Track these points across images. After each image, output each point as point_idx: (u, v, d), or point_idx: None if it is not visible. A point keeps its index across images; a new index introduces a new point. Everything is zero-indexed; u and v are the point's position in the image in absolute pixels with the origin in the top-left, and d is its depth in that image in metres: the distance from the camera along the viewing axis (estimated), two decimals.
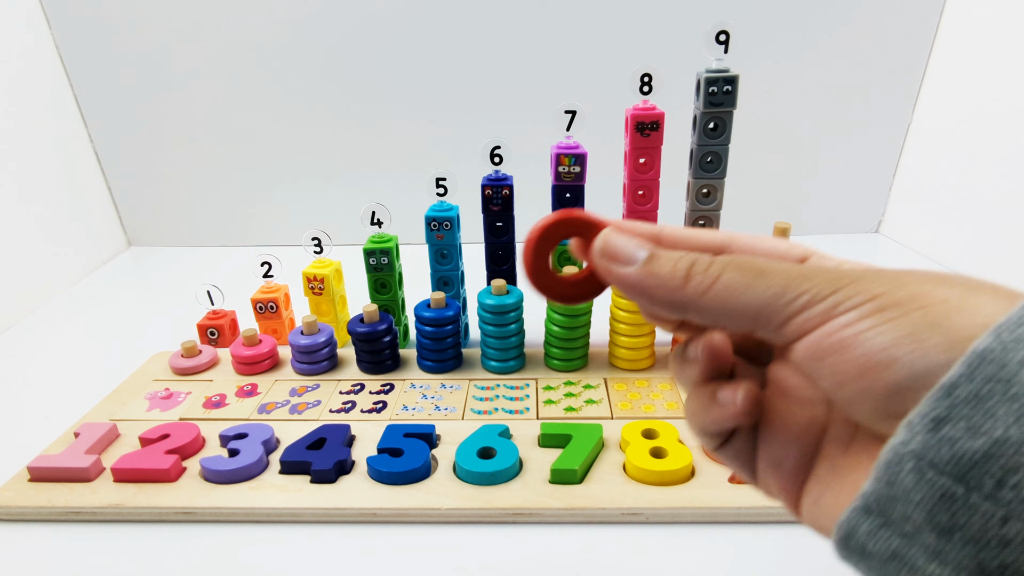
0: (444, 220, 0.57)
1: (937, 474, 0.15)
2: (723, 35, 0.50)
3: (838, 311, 0.17)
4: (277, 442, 0.48)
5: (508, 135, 0.55)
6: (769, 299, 0.18)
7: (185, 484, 0.44)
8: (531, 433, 0.48)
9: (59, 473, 0.45)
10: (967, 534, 0.14)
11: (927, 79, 0.84)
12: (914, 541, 0.15)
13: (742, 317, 0.19)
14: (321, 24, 0.82)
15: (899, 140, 0.88)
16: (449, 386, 0.55)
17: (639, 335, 0.55)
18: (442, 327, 0.55)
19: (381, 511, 0.42)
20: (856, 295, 0.17)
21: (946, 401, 0.15)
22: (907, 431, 0.15)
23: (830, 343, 0.17)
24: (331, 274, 0.60)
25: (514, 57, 0.83)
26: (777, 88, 0.84)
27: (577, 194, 0.55)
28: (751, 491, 0.41)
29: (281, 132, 0.90)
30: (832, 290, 0.18)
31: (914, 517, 0.15)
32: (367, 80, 0.85)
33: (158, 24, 0.83)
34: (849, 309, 0.17)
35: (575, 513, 0.41)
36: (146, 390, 0.56)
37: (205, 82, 0.87)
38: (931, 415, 0.15)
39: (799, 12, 0.80)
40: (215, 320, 0.64)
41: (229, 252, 0.95)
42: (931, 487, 0.15)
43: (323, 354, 0.57)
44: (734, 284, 0.19)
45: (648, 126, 0.52)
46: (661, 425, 0.46)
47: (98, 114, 0.89)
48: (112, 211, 0.96)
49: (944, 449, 0.15)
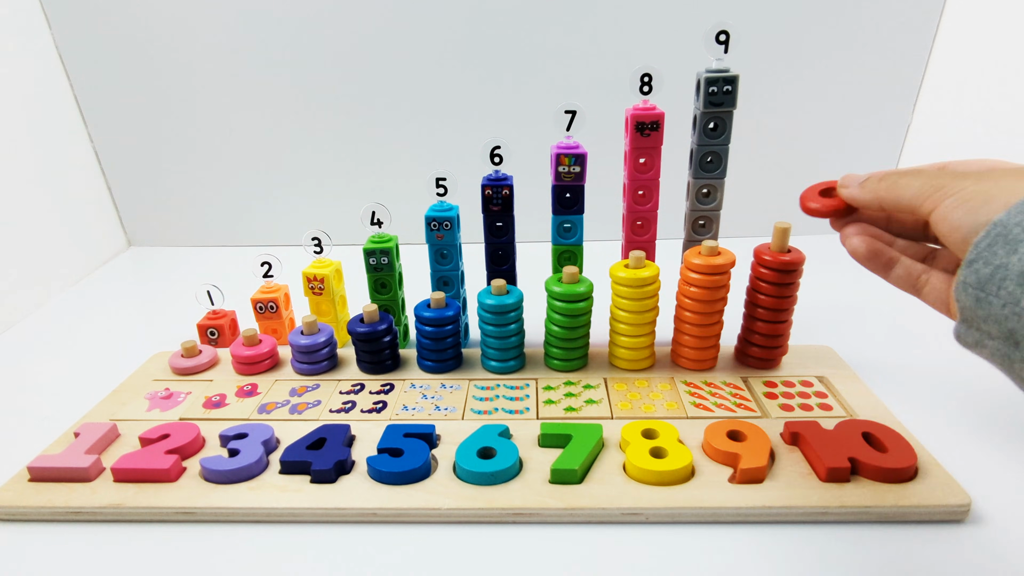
0: (444, 220, 0.57)
1: (972, 287, 0.29)
2: (723, 35, 0.50)
3: (946, 198, 0.31)
4: (277, 442, 0.48)
5: (508, 135, 0.55)
6: (915, 191, 0.33)
7: (185, 484, 0.44)
8: (531, 433, 0.48)
9: (59, 473, 0.45)
10: (991, 316, 0.29)
11: (927, 78, 0.84)
12: (976, 316, 0.30)
13: (901, 201, 0.34)
14: (321, 24, 0.82)
15: (899, 140, 0.88)
16: (449, 386, 0.55)
17: (639, 335, 0.55)
18: (442, 327, 0.55)
19: (381, 511, 0.42)
20: (953, 190, 0.31)
21: (975, 250, 0.29)
22: (964, 265, 0.29)
23: (940, 215, 0.31)
24: (331, 274, 0.60)
25: (514, 57, 0.83)
26: (777, 88, 0.84)
27: (577, 194, 0.55)
28: (751, 491, 0.41)
29: (281, 132, 0.90)
30: (944, 186, 0.32)
31: (969, 305, 0.30)
32: (367, 80, 0.85)
33: (158, 24, 0.83)
34: (947, 197, 0.31)
35: (575, 513, 0.41)
36: (146, 390, 0.56)
37: (205, 82, 0.87)
38: (969, 258, 0.29)
39: (799, 12, 0.80)
40: (215, 320, 0.64)
41: (229, 252, 0.95)
42: (968, 295, 0.29)
43: (323, 354, 0.57)
44: (898, 182, 0.34)
45: (648, 126, 0.52)
46: (661, 425, 0.46)
47: (98, 114, 0.89)
48: (112, 211, 0.96)
49: (971, 275, 0.29)
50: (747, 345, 0.56)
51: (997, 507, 0.41)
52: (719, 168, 0.54)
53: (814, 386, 0.53)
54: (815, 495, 0.41)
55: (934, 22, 0.81)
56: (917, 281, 0.37)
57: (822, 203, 0.40)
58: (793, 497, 0.41)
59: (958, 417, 0.51)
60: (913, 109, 0.86)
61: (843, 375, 0.55)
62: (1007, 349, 0.29)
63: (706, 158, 0.54)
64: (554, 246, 0.58)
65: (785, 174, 0.89)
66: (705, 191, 0.55)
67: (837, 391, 0.52)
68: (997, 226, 0.28)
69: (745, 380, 0.54)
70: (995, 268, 0.28)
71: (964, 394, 0.53)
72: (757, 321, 0.54)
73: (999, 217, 0.28)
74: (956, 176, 0.32)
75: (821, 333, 0.62)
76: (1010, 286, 0.28)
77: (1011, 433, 0.49)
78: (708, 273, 0.51)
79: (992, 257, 0.28)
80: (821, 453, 0.42)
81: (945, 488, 0.41)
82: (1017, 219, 0.28)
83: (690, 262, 0.52)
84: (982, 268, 0.29)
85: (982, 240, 0.29)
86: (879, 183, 0.36)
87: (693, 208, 0.56)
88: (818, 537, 0.39)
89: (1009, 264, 0.28)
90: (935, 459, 0.43)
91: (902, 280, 0.37)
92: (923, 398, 0.53)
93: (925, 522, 0.40)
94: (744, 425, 0.46)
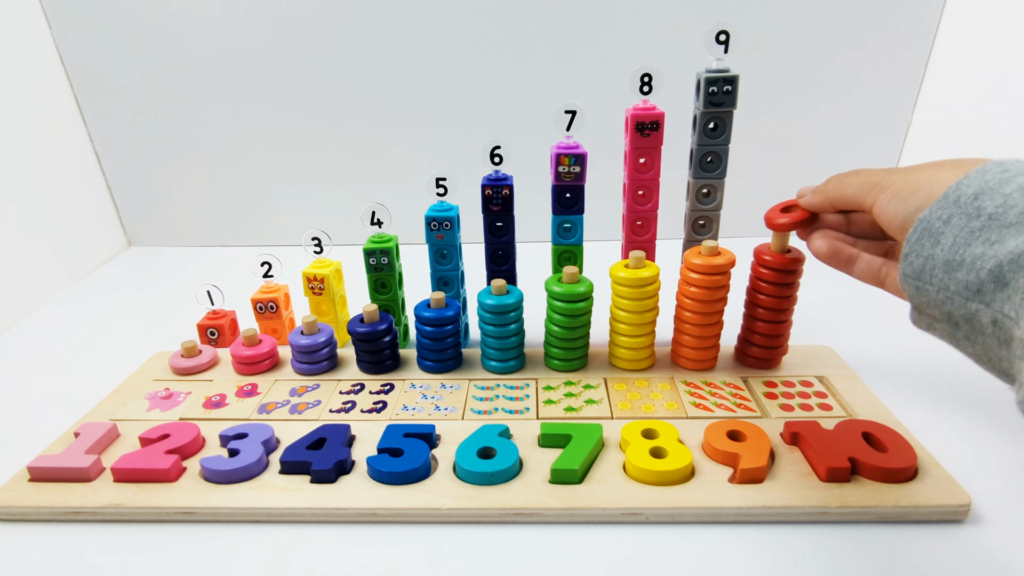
0: (444, 220, 0.57)
1: (910, 277, 0.33)
2: (723, 35, 0.50)
3: (881, 193, 0.36)
4: (277, 442, 0.48)
5: (508, 135, 0.55)
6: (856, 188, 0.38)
7: (185, 484, 0.44)
8: (531, 433, 0.48)
9: (59, 473, 0.45)
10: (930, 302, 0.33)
11: (927, 78, 0.84)
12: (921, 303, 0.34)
13: (846, 198, 0.39)
14: (321, 24, 0.82)
15: (899, 140, 0.88)
16: (449, 386, 0.55)
17: (639, 335, 0.55)
18: (442, 327, 0.55)
19: (381, 511, 0.42)
20: (887, 184, 0.36)
21: (907, 245, 0.33)
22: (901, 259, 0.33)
23: (879, 209, 0.36)
24: (331, 274, 0.60)
25: (514, 57, 0.83)
26: (777, 88, 0.84)
27: (577, 194, 0.55)
28: (751, 491, 0.41)
29: (281, 132, 0.90)
30: (879, 182, 0.36)
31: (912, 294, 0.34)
32: (368, 80, 0.85)
33: (158, 24, 0.83)
34: (883, 191, 0.36)
35: (575, 513, 0.41)
36: (146, 390, 0.56)
37: (205, 82, 0.87)
38: (904, 251, 0.33)
39: (799, 12, 0.80)
40: (215, 320, 0.64)
41: (229, 252, 0.95)
42: (909, 285, 0.34)
43: (323, 354, 0.57)
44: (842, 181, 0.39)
45: (648, 126, 0.52)
46: (661, 425, 0.46)
47: (98, 114, 0.89)
48: (112, 211, 0.96)
49: (908, 267, 0.33)
50: (747, 345, 0.56)
51: (997, 507, 0.41)
52: (719, 168, 0.54)
53: (814, 386, 0.53)
54: (815, 495, 0.41)
55: (934, 22, 0.81)
56: (879, 273, 0.40)
57: (787, 217, 0.45)
58: (793, 497, 0.41)
59: (958, 417, 0.51)
60: (913, 109, 0.86)
61: (843, 375, 0.55)
62: (950, 329, 0.33)
63: (706, 158, 0.54)
64: (554, 246, 0.58)
65: (785, 174, 0.89)
66: (705, 191, 0.55)
67: (837, 391, 0.52)
68: (922, 221, 0.32)
69: (745, 380, 0.54)
70: (925, 259, 0.32)
71: (964, 394, 0.53)
72: (757, 321, 0.54)
73: (923, 214, 0.32)
74: (890, 172, 0.36)
75: (821, 333, 0.62)
76: (939, 274, 0.32)
77: (1011, 433, 0.48)
78: (708, 273, 0.51)
79: (921, 250, 0.32)
80: (821, 453, 0.43)
81: (945, 488, 0.41)
82: (938, 214, 0.32)
83: (690, 262, 0.52)
84: (915, 260, 0.32)
85: (912, 235, 0.32)
86: (826, 185, 0.41)
87: (693, 208, 0.56)
88: (818, 537, 0.39)
89: (935, 255, 0.32)
90: (935, 459, 0.43)
91: (865, 274, 0.41)
92: (923, 398, 0.53)
93: (925, 522, 0.40)
94: (744, 425, 0.46)
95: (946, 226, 0.31)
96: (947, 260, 0.31)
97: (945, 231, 0.31)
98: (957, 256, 0.31)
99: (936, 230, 0.31)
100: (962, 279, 0.31)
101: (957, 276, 0.31)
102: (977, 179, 0.31)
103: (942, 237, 0.31)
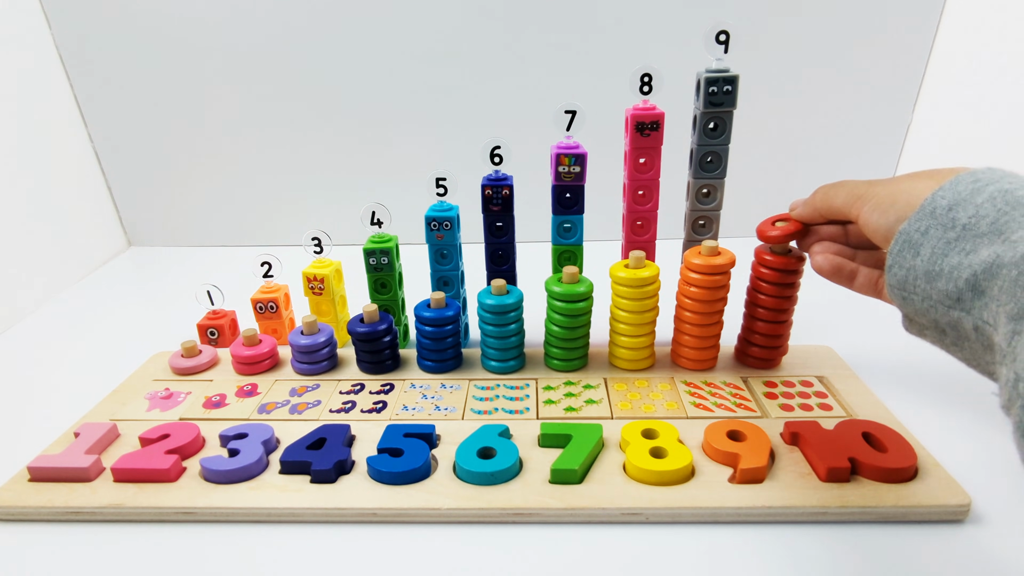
0: (444, 220, 0.57)
1: (896, 288, 0.34)
2: (723, 35, 0.50)
3: (864, 205, 0.37)
4: (277, 442, 0.48)
5: (508, 135, 0.55)
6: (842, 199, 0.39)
7: (185, 484, 0.44)
8: (531, 433, 0.48)
9: (59, 473, 0.45)
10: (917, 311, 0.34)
11: (927, 78, 0.84)
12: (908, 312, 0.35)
13: (833, 208, 0.40)
14: (321, 24, 0.82)
15: (899, 140, 0.88)
16: (449, 386, 0.55)
17: (639, 335, 0.55)
18: (442, 327, 0.55)
19: (381, 511, 0.42)
20: (869, 196, 0.37)
21: (891, 257, 0.34)
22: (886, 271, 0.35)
23: (863, 220, 0.37)
24: (331, 274, 0.60)
25: (514, 57, 0.83)
26: (777, 88, 0.84)
27: (577, 194, 0.55)
28: (751, 491, 0.41)
29: (281, 132, 0.90)
30: (862, 194, 0.37)
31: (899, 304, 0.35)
32: (368, 80, 0.85)
33: (158, 24, 0.83)
34: (866, 203, 0.37)
35: (575, 513, 0.41)
36: (146, 390, 0.56)
37: (205, 82, 0.87)
38: (888, 263, 0.34)
39: (799, 11, 0.80)
40: (215, 320, 0.64)
41: (229, 252, 0.95)
42: (895, 295, 0.35)
43: (323, 354, 0.57)
44: (828, 193, 0.41)
45: (648, 126, 0.52)
46: (661, 425, 0.46)
47: (98, 114, 0.89)
48: (112, 211, 0.96)
49: (892, 279, 0.34)
50: (747, 345, 0.56)
51: (997, 507, 0.41)
52: (719, 168, 0.54)
53: (814, 386, 0.53)
54: (815, 495, 0.41)
55: (934, 22, 0.81)
56: (876, 285, 0.41)
57: (779, 230, 0.46)
58: (793, 497, 0.41)
59: (958, 417, 0.51)
60: (913, 109, 0.86)
61: (843, 375, 0.55)
62: (939, 335, 0.35)
63: (706, 158, 0.54)
64: (554, 246, 0.58)
65: (785, 174, 0.89)
66: (705, 191, 0.55)
67: (837, 391, 0.52)
68: (903, 234, 0.33)
69: (745, 380, 0.54)
70: (907, 271, 0.33)
71: (964, 394, 0.53)
72: (757, 321, 0.54)
73: (903, 226, 0.33)
74: (872, 184, 0.37)
75: (821, 333, 0.62)
76: (921, 284, 0.33)
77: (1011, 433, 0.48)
78: (708, 273, 0.51)
79: (903, 261, 0.33)
80: (821, 453, 0.43)
81: (945, 488, 0.41)
82: (916, 226, 0.33)
83: (690, 262, 0.52)
84: (898, 271, 0.34)
85: (894, 247, 0.34)
86: (814, 197, 0.43)
87: (693, 208, 0.56)
88: (818, 537, 0.39)
89: (916, 266, 0.33)
90: (935, 459, 0.43)
91: (864, 287, 0.42)
92: (923, 398, 0.53)
93: (925, 522, 0.40)
94: (744, 425, 0.46)
95: (924, 237, 0.32)
96: (927, 271, 0.32)
97: (924, 242, 0.32)
98: (936, 267, 0.32)
99: (915, 241, 0.33)
100: (942, 288, 0.32)
101: (937, 286, 0.32)
102: (951, 190, 0.32)
103: (921, 248, 0.32)
